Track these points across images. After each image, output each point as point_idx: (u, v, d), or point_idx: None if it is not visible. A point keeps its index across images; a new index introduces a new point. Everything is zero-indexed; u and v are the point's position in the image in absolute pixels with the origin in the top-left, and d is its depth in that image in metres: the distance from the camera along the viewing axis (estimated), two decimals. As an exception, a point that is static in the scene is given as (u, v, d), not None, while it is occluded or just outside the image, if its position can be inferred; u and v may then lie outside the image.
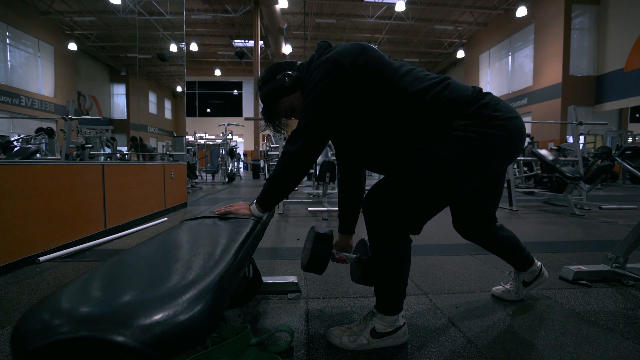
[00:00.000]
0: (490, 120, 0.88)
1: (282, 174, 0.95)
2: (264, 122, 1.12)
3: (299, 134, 0.92)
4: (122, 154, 6.32)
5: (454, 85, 0.92)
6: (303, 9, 12.90)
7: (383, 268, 0.97)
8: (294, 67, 1.06)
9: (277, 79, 1.02)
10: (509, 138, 0.90)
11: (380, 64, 0.92)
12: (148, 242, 0.74)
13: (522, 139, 0.94)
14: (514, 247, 1.24)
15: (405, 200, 0.91)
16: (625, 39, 9.72)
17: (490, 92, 0.95)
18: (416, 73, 0.94)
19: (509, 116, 0.90)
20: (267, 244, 2.28)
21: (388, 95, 0.91)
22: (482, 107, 0.89)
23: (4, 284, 1.52)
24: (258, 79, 1.09)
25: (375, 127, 0.96)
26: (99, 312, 0.39)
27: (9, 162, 1.71)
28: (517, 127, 0.91)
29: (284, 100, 1.05)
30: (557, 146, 6.32)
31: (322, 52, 0.98)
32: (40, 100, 7.80)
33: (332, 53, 0.92)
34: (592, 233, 2.64)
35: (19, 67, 7.48)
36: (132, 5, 4.32)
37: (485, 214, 1.14)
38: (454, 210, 1.19)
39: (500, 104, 0.92)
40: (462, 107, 0.89)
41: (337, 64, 0.89)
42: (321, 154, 0.97)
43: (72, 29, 8.45)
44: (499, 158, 0.92)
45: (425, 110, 0.90)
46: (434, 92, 0.90)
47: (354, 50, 0.92)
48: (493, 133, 0.88)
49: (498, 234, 1.20)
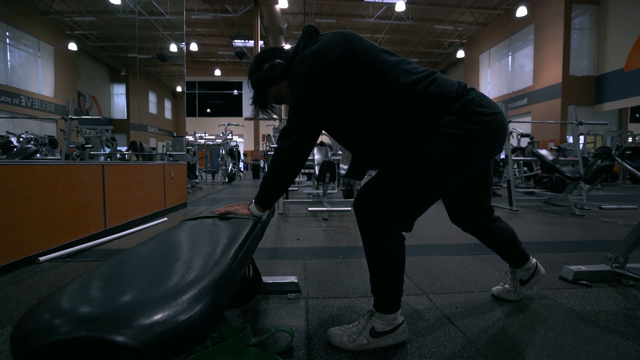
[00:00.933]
0: (476, 117, 0.90)
1: (276, 171, 0.95)
2: (254, 108, 1.13)
3: (290, 131, 0.93)
4: (122, 154, 6.32)
5: (440, 80, 0.93)
6: (303, 9, 12.90)
7: (377, 266, 0.97)
8: (281, 54, 1.06)
9: (264, 69, 1.03)
10: (493, 133, 0.93)
11: (368, 54, 0.92)
12: (148, 242, 0.74)
13: (505, 134, 0.98)
14: (510, 240, 1.25)
15: (394, 197, 0.92)
16: (625, 39, 9.72)
17: (473, 87, 0.97)
18: (404, 65, 0.94)
19: (493, 112, 0.93)
20: (267, 244, 2.28)
21: (376, 87, 0.92)
22: (468, 103, 0.91)
23: (4, 284, 1.52)
24: (249, 67, 1.10)
25: (362, 119, 0.96)
26: (99, 312, 0.39)
27: (9, 162, 1.71)
28: (500, 122, 0.94)
29: (272, 89, 1.07)
30: (557, 146, 6.32)
31: (308, 41, 0.98)
32: (40, 100, 7.79)
33: (316, 45, 0.91)
34: (592, 233, 2.64)
35: (18, 67, 7.48)
36: (132, 5, 4.32)
37: (478, 205, 1.17)
38: (448, 205, 1.21)
39: (484, 100, 0.94)
40: (449, 103, 0.91)
41: (323, 57, 0.89)
42: (321, 153, 0.97)
43: (72, 29, 8.45)
44: (484, 153, 0.95)
45: (413, 104, 0.91)
46: (421, 86, 0.91)
47: (339, 41, 0.91)
48: (479, 129, 0.90)
49: (494, 224, 1.22)
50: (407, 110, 0.91)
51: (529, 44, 12.24)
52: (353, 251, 2.10)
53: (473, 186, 1.14)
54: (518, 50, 13.01)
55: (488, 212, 1.20)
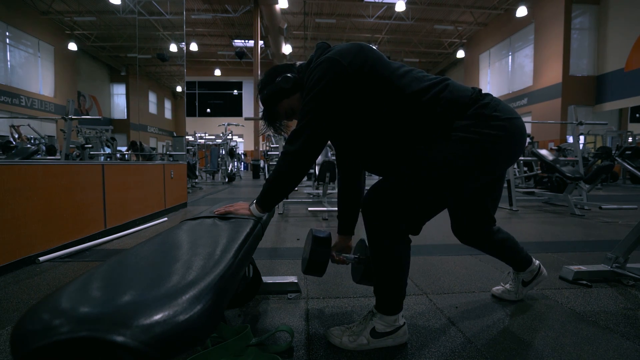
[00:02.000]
0: (490, 121, 0.88)
1: (281, 174, 0.95)
2: (265, 124, 1.12)
3: (298, 134, 0.92)
4: (122, 153, 6.32)
5: (453, 86, 0.92)
6: (303, 9, 12.90)
7: (382, 268, 0.97)
8: (293, 69, 1.06)
9: (277, 82, 1.03)
10: (508, 139, 0.89)
11: (379, 64, 0.92)
12: (148, 242, 0.74)
13: (523, 140, 0.93)
14: (512, 249, 1.24)
15: (403, 200, 0.91)
16: (625, 39, 9.72)
17: (490, 93, 0.94)
18: (415, 74, 0.94)
19: (509, 117, 0.90)
20: (267, 244, 2.28)
21: (386, 95, 0.91)
22: (482, 107, 0.89)
23: (4, 284, 1.52)
24: (258, 82, 1.09)
25: (374, 127, 0.95)
26: (99, 312, 0.39)
27: (9, 162, 1.71)
28: (517, 127, 0.91)
29: (284, 103, 1.06)
30: (557, 146, 6.32)
31: (321, 53, 0.98)
32: (40, 100, 7.79)
33: (330, 53, 0.92)
34: (592, 233, 2.64)
35: (18, 67, 7.48)
36: (132, 5, 4.32)
37: (485, 216, 1.14)
38: (453, 214, 1.18)
39: (500, 105, 0.91)
40: (462, 108, 0.89)
41: (336, 63, 0.89)
42: (321, 153, 0.97)
43: (72, 29, 8.45)
44: (499, 159, 0.92)
45: (424, 110, 0.90)
46: (433, 92, 0.90)
47: (352, 50, 0.92)
48: (493, 134, 0.87)
49: (495, 237, 1.20)
50: (419, 116, 0.90)
51: (529, 44, 12.24)
52: (353, 251, 2.10)
53: (482, 195, 1.09)
54: (518, 50, 13.01)
55: (491, 224, 1.17)
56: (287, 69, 1.06)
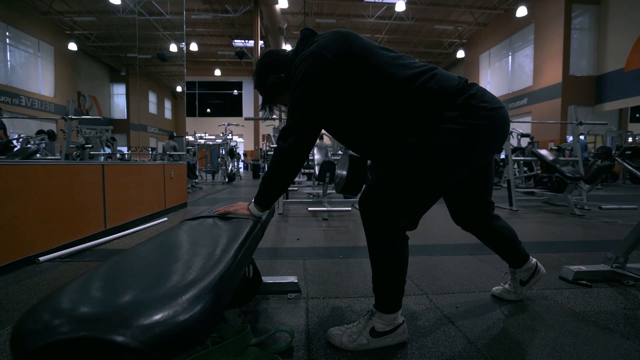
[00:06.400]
0: (478, 112, 0.90)
1: (276, 171, 0.95)
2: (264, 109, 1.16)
3: (289, 131, 0.93)
4: (122, 153, 6.32)
5: (440, 75, 0.93)
6: (303, 9, 12.90)
7: (380, 264, 0.97)
8: (281, 60, 1.06)
9: (269, 84, 1.05)
10: (496, 128, 0.93)
11: (366, 51, 0.92)
12: (148, 242, 0.74)
13: (507, 128, 0.98)
14: (510, 240, 1.25)
15: (399, 196, 0.93)
16: (625, 39, 9.72)
17: (475, 82, 0.97)
18: (402, 60, 0.95)
19: (495, 106, 0.93)
20: (267, 244, 2.28)
21: (375, 82, 0.92)
22: (470, 98, 0.91)
23: (4, 284, 1.52)
24: (252, 74, 1.12)
25: (363, 114, 0.96)
26: (98, 312, 0.39)
27: (9, 162, 1.71)
28: (503, 116, 0.95)
29: (281, 96, 1.10)
30: (557, 146, 6.32)
31: (305, 43, 0.99)
32: (40, 100, 7.79)
33: (314, 46, 0.92)
34: (592, 233, 2.64)
35: (18, 67, 7.48)
36: (132, 5, 4.32)
37: (480, 200, 1.17)
38: (449, 202, 1.21)
39: (486, 95, 0.94)
40: (450, 97, 0.91)
41: (320, 58, 0.89)
42: (321, 153, 0.97)
43: (72, 29, 8.44)
44: (487, 147, 0.96)
45: (413, 99, 0.91)
46: (420, 80, 0.91)
47: (335, 40, 0.91)
48: (481, 124, 0.90)
49: (495, 222, 1.22)
50: (407, 105, 0.91)
51: (529, 44, 12.24)
52: (353, 251, 2.10)
53: (475, 181, 1.13)
54: (518, 50, 13.01)
55: (489, 207, 1.20)
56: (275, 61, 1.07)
